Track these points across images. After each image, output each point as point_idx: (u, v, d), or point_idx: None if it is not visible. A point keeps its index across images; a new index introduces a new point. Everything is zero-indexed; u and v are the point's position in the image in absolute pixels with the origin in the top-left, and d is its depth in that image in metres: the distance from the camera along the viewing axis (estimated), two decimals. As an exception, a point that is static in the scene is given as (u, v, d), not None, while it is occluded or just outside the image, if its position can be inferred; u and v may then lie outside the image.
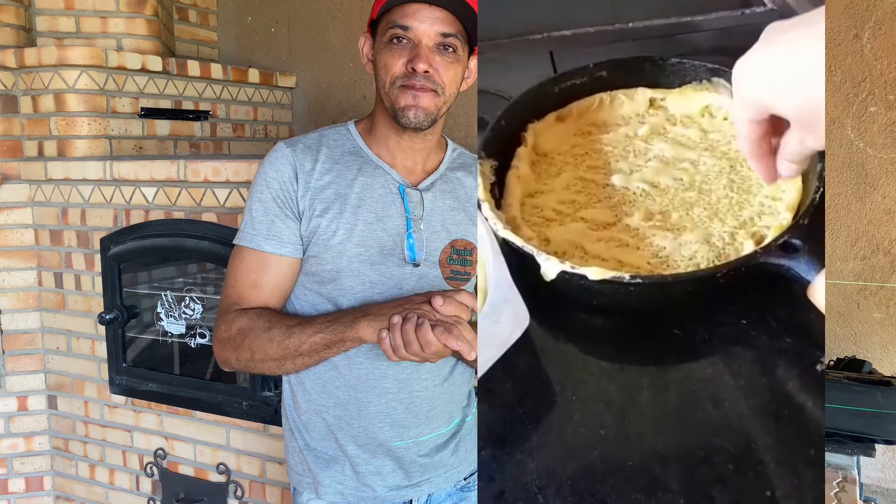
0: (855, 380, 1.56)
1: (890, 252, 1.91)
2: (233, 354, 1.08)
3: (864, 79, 1.90)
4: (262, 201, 1.10)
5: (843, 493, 1.47)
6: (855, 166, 1.92)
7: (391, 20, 1.05)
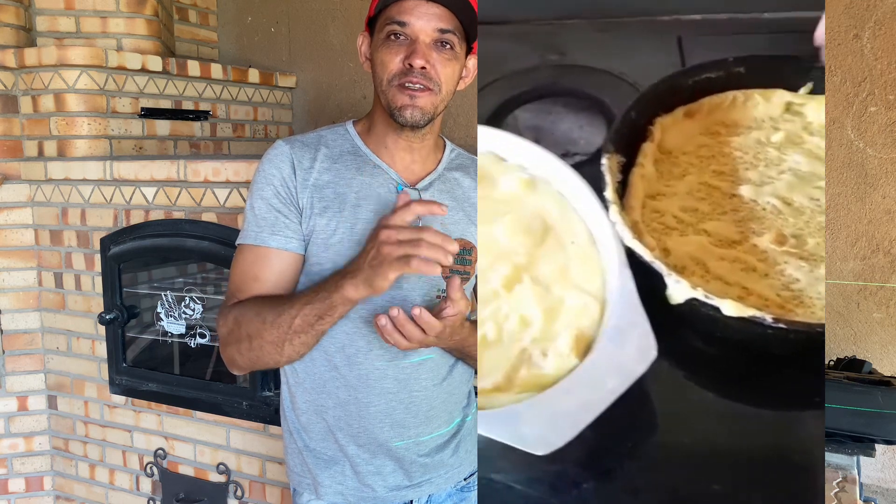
0: (855, 380, 1.56)
1: (890, 252, 1.91)
2: (234, 349, 1.07)
3: (864, 79, 1.90)
4: (263, 198, 1.10)
5: (843, 493, 1.46)
6: (855, 166, 1.92)
7: (388, 16, 1.05)
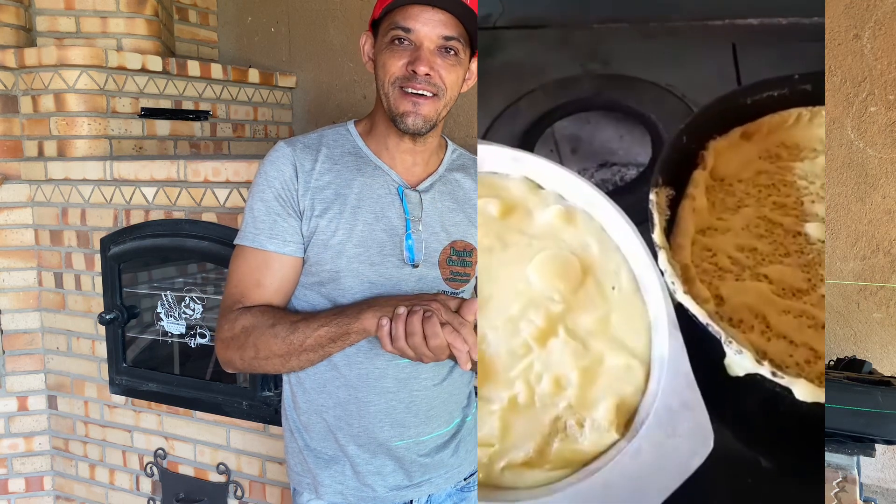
0: (855, 380, 1.56)
1: (890, 252, 1.91)
2: (236, 354, 1.08)
3: (864, 79, 1.90)
4: (263, 200, 1.10)
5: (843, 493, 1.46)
6: (855, 166, 1.92)
7: (393, 21, 1.05)
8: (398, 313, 0.92)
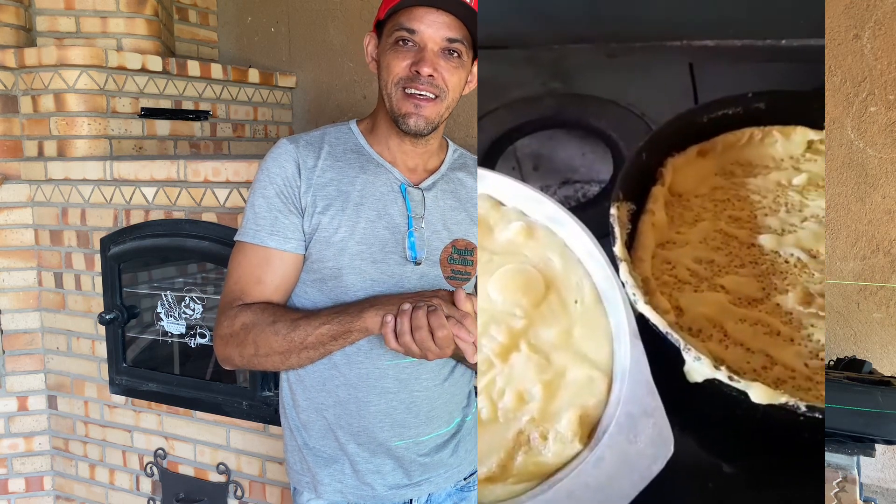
0: (855, 380, 1.56)
1: (890, 252, 1.91)
2: (235, 351, 1.07)
3: (864, 79, 1.90)
4: (265, 197, 1.10)
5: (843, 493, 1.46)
6: (855, 166, 1.92)
7: (398, 22, 1.05)
8: (404, 309, 0.92)
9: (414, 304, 0.92)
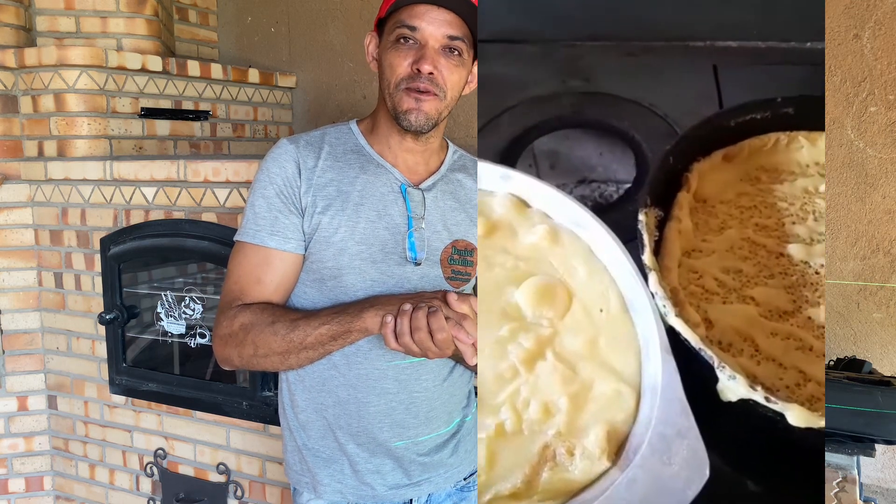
0: (855, 380, 1.56)
1: (890, 252, 1.91)
2: (234, 351, 1.07)
3: (864, 79, 1.90)
4: (265, 197, 1.10)
5: (843, 493, 1.46)
6: (855, 166, 1.92)
7: (399, 20, 1.05)
8: (404, 309, 0.92)
9: (414, 304, 0.92)
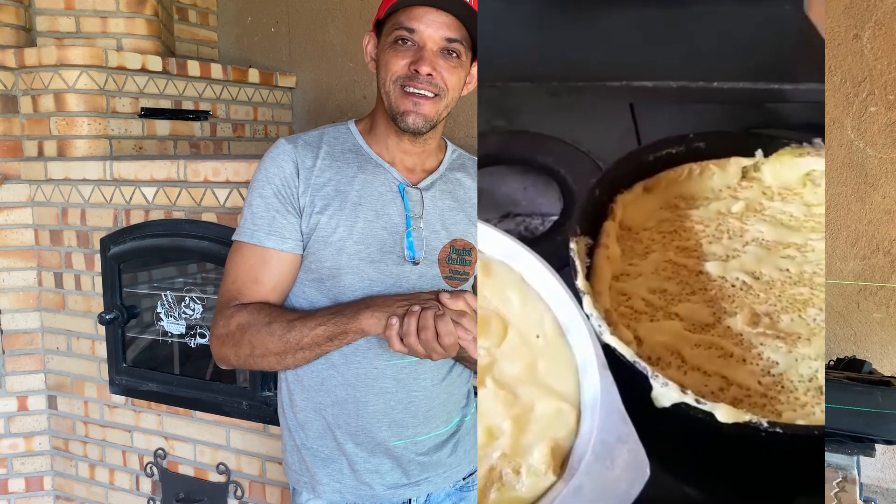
0: (855, 380, 1.56)
1: (890, 252, 1.91)
2: (231, 351, 1.07)
3: (864, 79, 1.90)
4: (263, 196, 1.10)
5: (843, 493, 1.46)
6: (855, 166, 1.92)
7: (397, 21, 1.05)
8: (413, 310, 0.92)
9: (422, 306, 0.93)
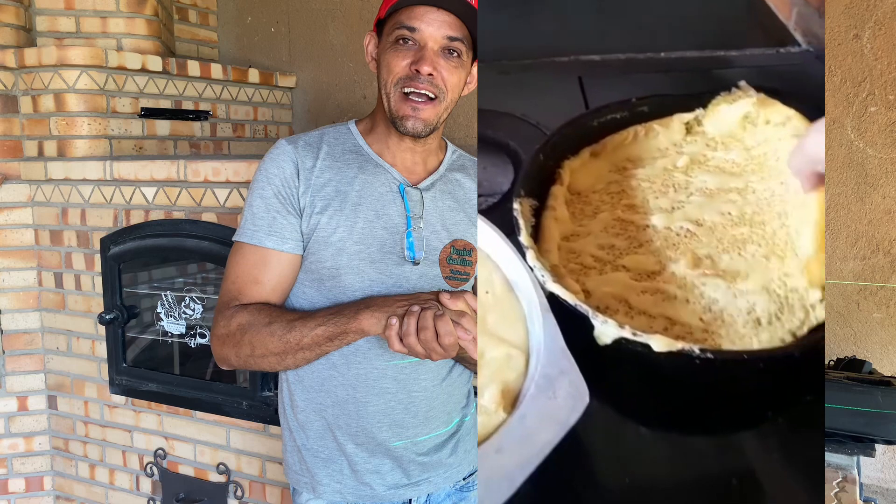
0: (855, 380, 1.56)
1: (890, 252, 1.91)
2: (232, 351, 1.08)
3: (864, 79, 1.90)
4: (263, 197, 1.10)
5: (843, 493, 1.46)
6: (855, 166, 1.92)
7: (399, 21, 1.05)
8: (412, 310, 0.92)
9: (421, 306, 0.93)
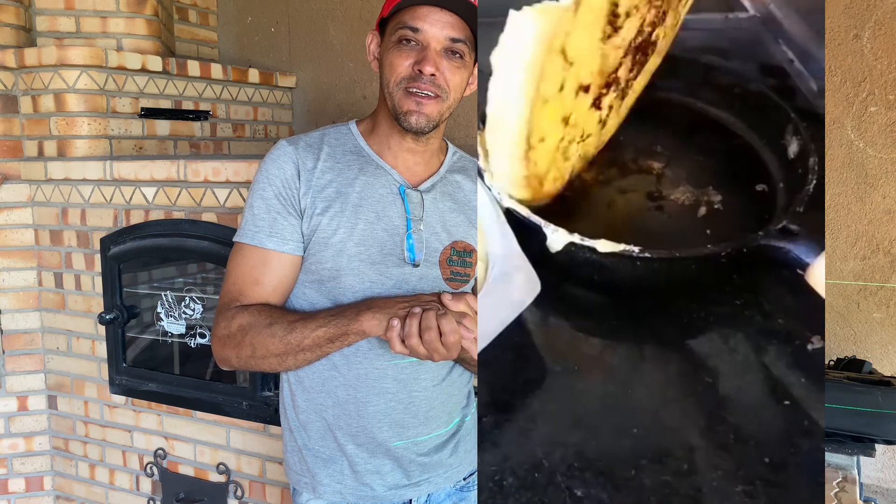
0: (855, 380, 1.56)
1: (890, 252, 1.91)
2: (233, 352, 1.08)
3: (864, 79, 1.90)
4: (264, 198, 1.10)
5: (843, 493, 1.46)
6: (855, 166, 1.92)
7: (401, 21, 1.05)
8: (414, 312, 0.93)
9: (423, 307, 0.93)
